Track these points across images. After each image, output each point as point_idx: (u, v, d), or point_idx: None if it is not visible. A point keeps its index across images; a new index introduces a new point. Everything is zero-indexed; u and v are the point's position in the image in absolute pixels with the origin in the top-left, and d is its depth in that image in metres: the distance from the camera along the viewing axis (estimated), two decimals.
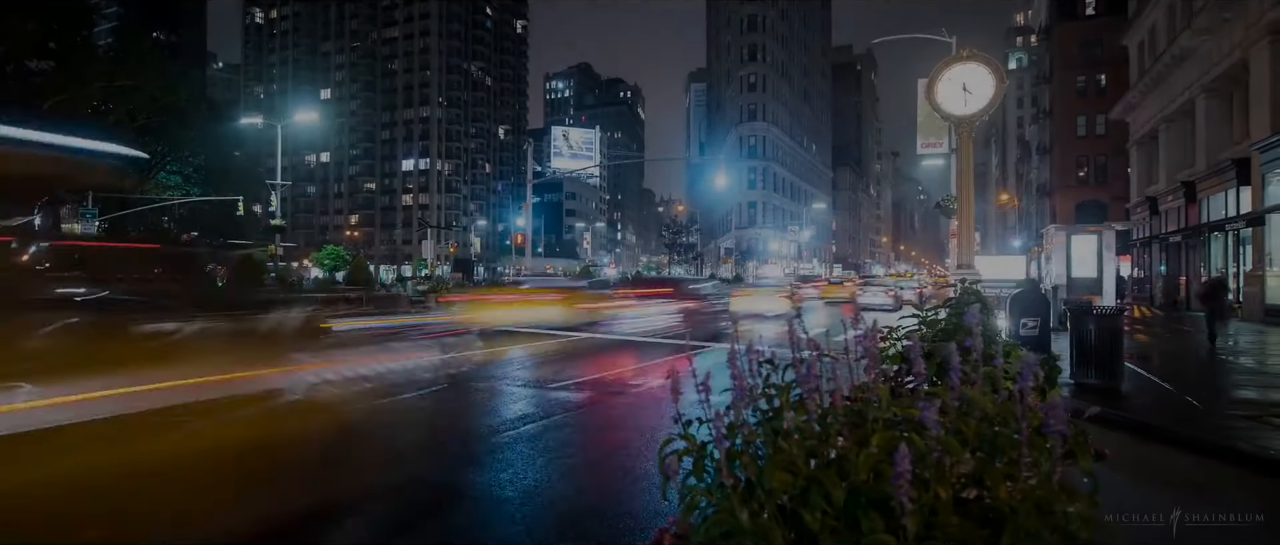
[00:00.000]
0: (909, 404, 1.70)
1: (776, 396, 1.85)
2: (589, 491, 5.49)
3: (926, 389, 1.75)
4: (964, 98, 12.42)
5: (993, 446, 1.59)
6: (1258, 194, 21.50)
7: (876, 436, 1.56)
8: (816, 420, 1.68)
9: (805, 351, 2.04)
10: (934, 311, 3.80)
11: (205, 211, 50.40)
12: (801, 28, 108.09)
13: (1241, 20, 22.37)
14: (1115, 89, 48.11)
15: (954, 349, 1.76)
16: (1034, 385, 1.63)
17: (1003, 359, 1.83)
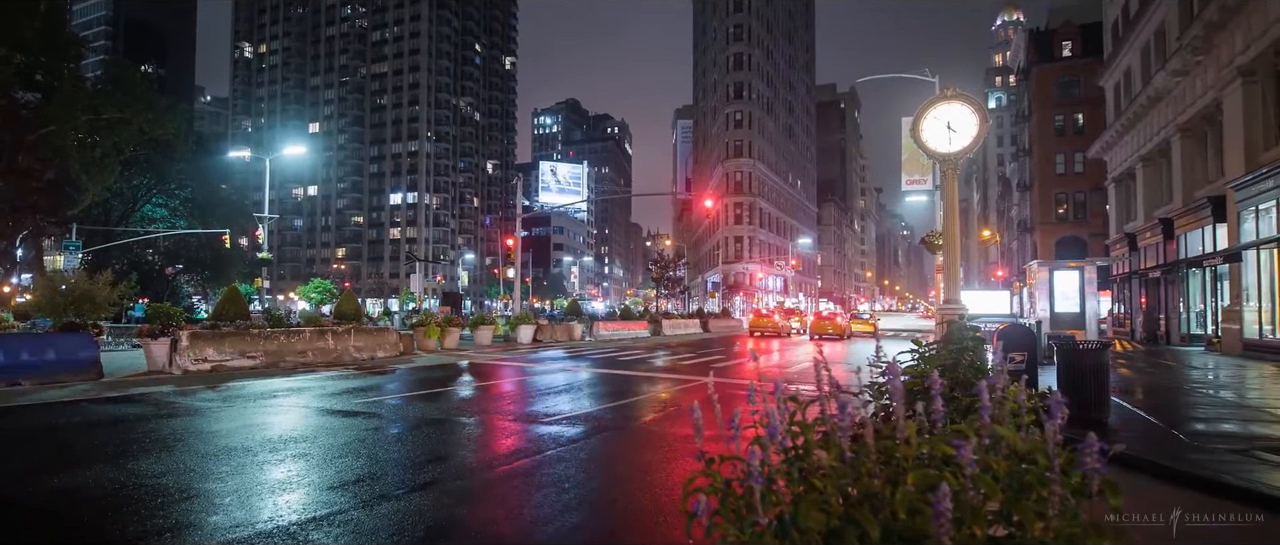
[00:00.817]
0: (940, 440, 1.70)
1: (802, 433, 1.83)
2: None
3: (948, 427, 1.79)
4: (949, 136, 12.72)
5: (1021, 484, 1.57)
6: (1233, 231, 21.98)
7: (911, 475, 1.57)
8: (850, 459, 1.67)
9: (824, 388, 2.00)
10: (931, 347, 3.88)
11: (191, 244, 50.07)
12: (786, 67, 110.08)
13: (1213, 63, 23.07)
14: (1093, 128, 49.30)
15: (985, 387, 1.76)
16: (1032, 419, 1.69)
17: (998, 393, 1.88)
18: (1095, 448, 1.52)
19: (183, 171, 49.09)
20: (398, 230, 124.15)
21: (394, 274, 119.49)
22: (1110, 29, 37.55)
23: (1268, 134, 20.49)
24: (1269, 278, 19.86)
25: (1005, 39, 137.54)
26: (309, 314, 26.19)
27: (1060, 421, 1.63)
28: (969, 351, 3.91)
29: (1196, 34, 22.82)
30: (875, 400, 2.72)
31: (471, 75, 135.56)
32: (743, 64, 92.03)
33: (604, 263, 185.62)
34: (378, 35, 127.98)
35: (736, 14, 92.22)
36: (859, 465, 1.68)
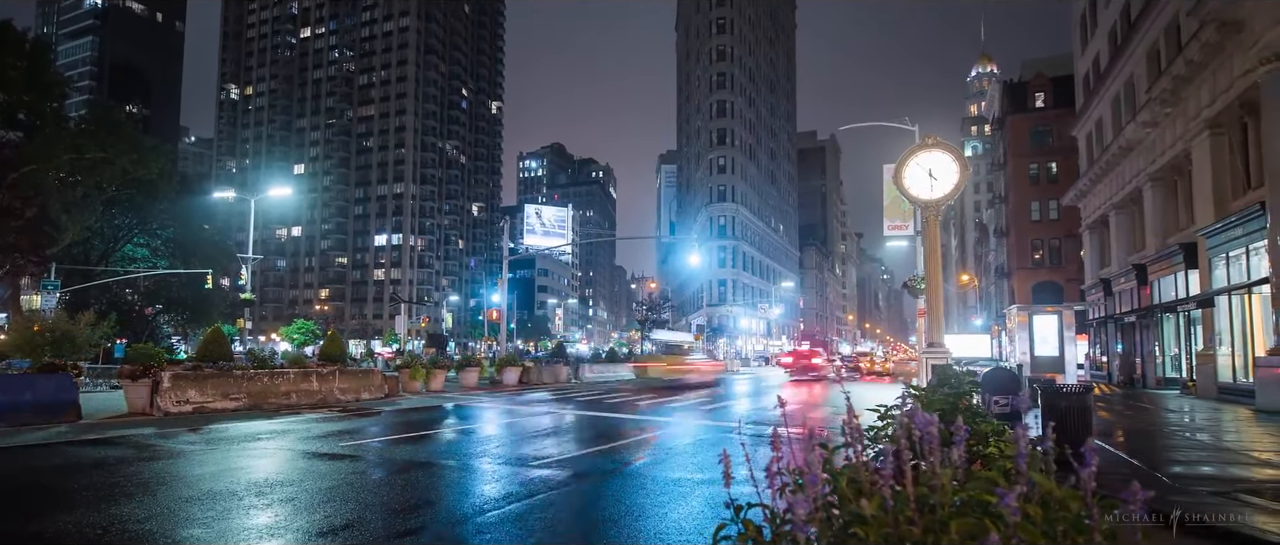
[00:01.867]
0: (981, 487, 1.68)
1: (834, 480, 1.82)
2: None
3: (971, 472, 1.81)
4: (930, 183, 13.09)
5: (1061, 532, 1.56)
6: (1205, 277, 22.54)
7: (955, 524, 1.56)
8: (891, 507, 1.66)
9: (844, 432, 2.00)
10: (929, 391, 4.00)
11: (172, 284, 49.56)
12: (768, 114, 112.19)
13: (1181, 115, 23.89)
14: (1066, 176, 50.53)
15: (1021, 434, 1.73)
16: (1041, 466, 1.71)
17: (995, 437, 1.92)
18: (1139, 497, 1.51)
19: (165, 211, 48.83)
20: (382, 271, 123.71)
21: (378, 315, 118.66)
22: (1082, 81, 38.78)
23: (1235, 183, 21.18)
24: (1241, 322, 20.34)
25: (980, 90, 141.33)
26: (293, 355, 25.96)
27: (1093, 468, 1.62)
28: (966, 396, 4.02)
29: (1165, 87, 23.67)
30: (874, 444, 2.67)
31: (458, 119, 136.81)
32: (726, 111, 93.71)
33: (588, 305, 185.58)
34: (365, 79, 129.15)
35: (719, 63, 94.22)
36: (899, 513, 1.65)
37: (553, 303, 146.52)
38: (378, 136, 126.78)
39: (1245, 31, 18.46)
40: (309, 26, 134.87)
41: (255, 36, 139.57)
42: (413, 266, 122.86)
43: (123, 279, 45.77)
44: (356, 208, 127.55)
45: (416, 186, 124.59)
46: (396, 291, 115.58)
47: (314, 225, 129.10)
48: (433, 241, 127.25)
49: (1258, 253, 19.24)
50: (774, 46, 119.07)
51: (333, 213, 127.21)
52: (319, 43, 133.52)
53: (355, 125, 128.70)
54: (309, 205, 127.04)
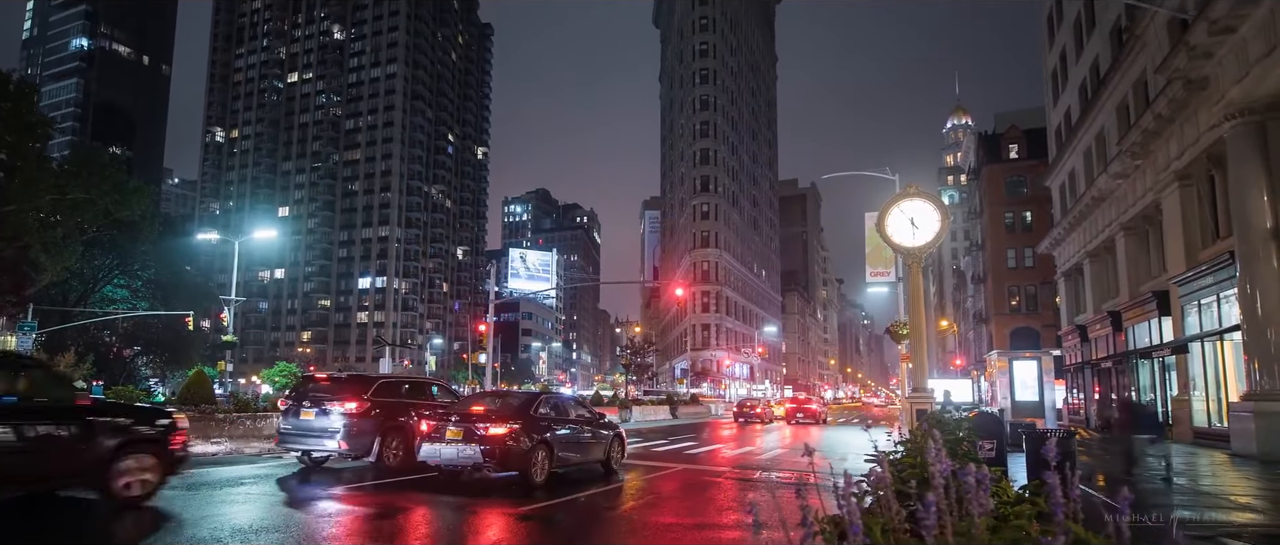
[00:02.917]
0: (1018, 537, 1.72)
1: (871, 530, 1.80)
2: None
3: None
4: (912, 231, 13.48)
5: None
6: (1178, 324, 23.10)
7: None
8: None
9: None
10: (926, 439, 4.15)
11: (151, 326, 49.00)
12: (750, 162, 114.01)
13: (1151, 167, 24.68)
14: (1040, 224, 51.73)
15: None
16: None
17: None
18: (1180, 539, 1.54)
19: (147, 253, 48.53)
20: (366, 314, 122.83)
21: (360, 358, 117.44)
22: (1054, 133, 39.99)
23: (1204, 233, 21.79)
24: (1214, 368, 20.82)
25: (956, 141, 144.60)
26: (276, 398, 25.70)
27: (1127, 517, 1.65)
28: (964, 441, 4.13)
29: (1134, 141, 24.50)
30: (873, 493, 2.73)
31: (444, 164, 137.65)
32: (709, 159, 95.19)
33: (572, 348, 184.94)
34: (351, 124, 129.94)
35: (702, 112, 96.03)
36: None
37: (537, 346, 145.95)
38: (363, 180, 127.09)
39: (1210, 88, 19.09)
40: (297, 72, 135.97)
41: (242, 81, 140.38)
42: (396, 309, 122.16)
43: (101, 320, 45.21)
44: (341, 250, 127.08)
45: (401, 230, 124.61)
46: (380, 334, 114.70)
47: (297, 267, 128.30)
48: (417, 284, 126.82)
49: (1228, 300, 19.78)
50: (756, 96, 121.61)
51: (316, 255, 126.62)
52: (306, 88, 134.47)
53: (341, 169, 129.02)
54: (292, 247, 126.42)
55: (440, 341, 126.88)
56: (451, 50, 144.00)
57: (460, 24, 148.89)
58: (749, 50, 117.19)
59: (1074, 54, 34.94)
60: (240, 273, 42.08)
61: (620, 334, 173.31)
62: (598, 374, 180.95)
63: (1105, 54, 29.88)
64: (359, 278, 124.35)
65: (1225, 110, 17.77)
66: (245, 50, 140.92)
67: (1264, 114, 17.00)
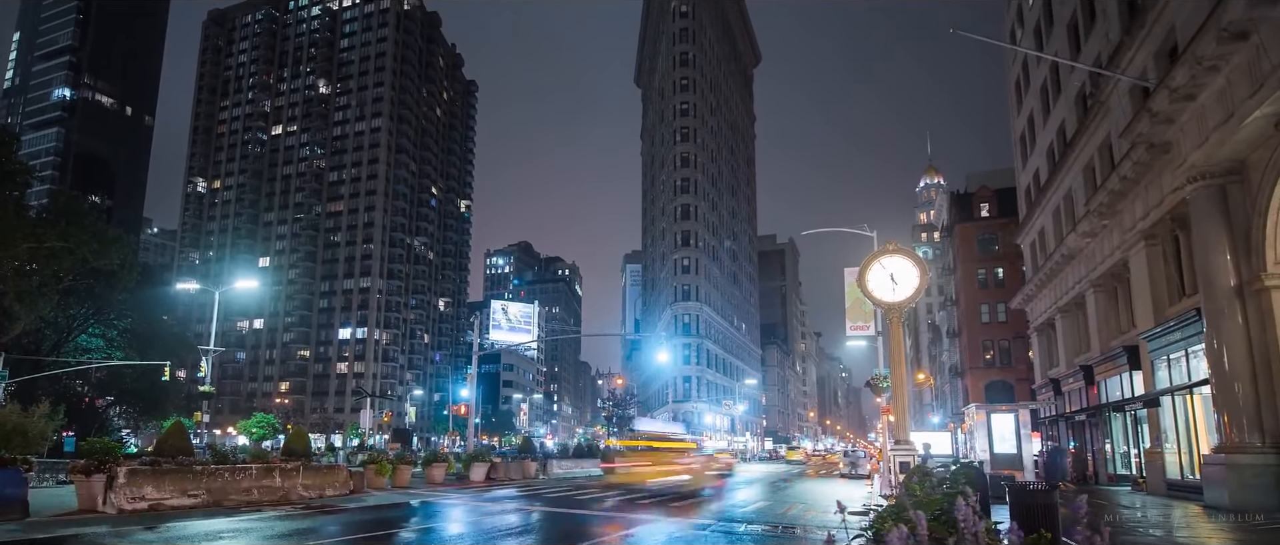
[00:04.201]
0: None
1: None
2: None
3: None
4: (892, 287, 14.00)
5: None
6: (1148, 378, 23.68)
7: None
8: None
9: None
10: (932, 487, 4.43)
11: (125, 376, 48.06)
12: (730, 218, 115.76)
13: (1118, 226, 25.55)
14: (1012, 280, 52.91)
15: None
16: None
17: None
18: None
19: (124, 302, 47.89)
20: (345, 365, 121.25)
21: (339, 409, 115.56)
22: (1023, 193, 41.27)
23: (1171, 290, 22.45)
24: (1185, 421, 21.31)
25: (929, 199, 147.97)
26: (256, 450, 25.39)
27: None
28: (963, 496, 4.41)
29: (1101, 201, 25.43)
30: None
31: (427, 216, 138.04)
32: (690, 214, 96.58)
33: (553, 400, 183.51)
34: (335, 176, 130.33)
35: (683, 169, 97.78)
36: None
37: (518, 398, 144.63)
38: (346, 231, 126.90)
39: (1173, 152, 19.69)
40: (281, 125, 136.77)
41: (226, 132, 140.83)
42: (377, 360, 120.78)
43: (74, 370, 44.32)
44: (321, 301, 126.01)
45: (383, 281, 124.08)
46: (359, 385, 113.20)
47: (277, 317, 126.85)
48: (398, 336, 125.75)
49: (1197, 355, 20.30)
50: (735, 154, 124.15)
51: (297, 305, 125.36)
52: (290, 140, 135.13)
53: (323, 220, 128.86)
54: (272, 297, 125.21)
55: (421, 393, 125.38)
56: (436, 106, 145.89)
57: (445, 80, 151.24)
58: (728, 110, 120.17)
59: (1041, 118, 36.33)
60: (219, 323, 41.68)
61: (602, 386, 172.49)
62: (579, 425, 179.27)
63: (1071, 119, 31.14)
64: (339, 328, 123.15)
65: (1187, 173, 18.29)
66: (230, 102, 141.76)
67: (1224, 177, 17.53)
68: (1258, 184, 16.62)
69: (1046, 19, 34.00)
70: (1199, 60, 16.32)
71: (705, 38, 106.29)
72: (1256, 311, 16.90)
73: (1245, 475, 16.31)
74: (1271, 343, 16.55)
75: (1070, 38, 30.42)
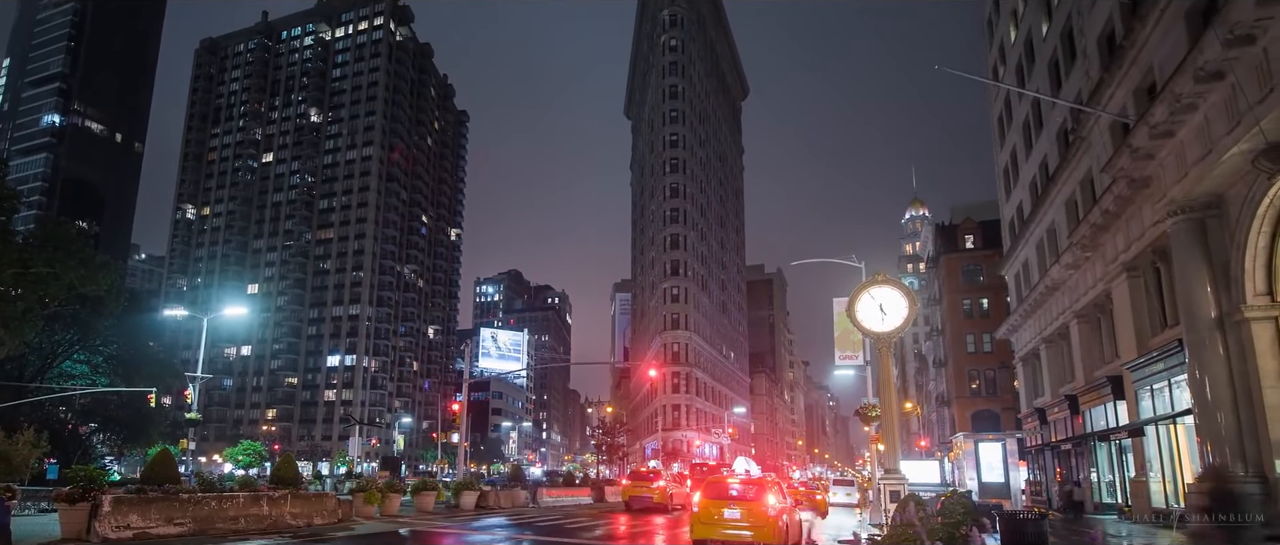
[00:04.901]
0: None
1: None
2: None
3: None
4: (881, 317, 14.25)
5: None
6: (1132, 408, 23.98)
7: None
8: None
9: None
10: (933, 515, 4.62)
11: (110, 402, 47.48)
12: (718, 247, 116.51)
13: (1100, 259, 25.98)
14: (997, 311, 53.51)
15: None
16: None
17: None
18: None
19: (110, 328, 47.47)
20: (333, 392, 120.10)
21: (326, 437, 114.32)
22: (1008, 226, 41.91)
23: (1153, 321, 22.70)
24: (1168, 450, 21.59)
25: (914, 230, 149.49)
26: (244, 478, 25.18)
27: None
28: (963, 526, 4.58)
29: (1084, 234, 25.89)
30: None
31: (417, 244, 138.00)
32: (679, 244, 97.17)
33: (542, 428, 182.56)
34: (325, 203, 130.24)
35: (672, 199, 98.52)
36: None
37: (507, 425, 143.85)
38: (336, 259, 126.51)
39: (1153, 186, 20.08)
40: (272, 152, 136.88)
41: (216, 159, 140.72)
42: (365, 388, 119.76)
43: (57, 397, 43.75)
44: (310, 328, 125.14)
45: (373, 308, 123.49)
46: (348, 413, 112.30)
47: (264, 344, 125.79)
48: (386, 363, 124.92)
49: (1180, 385, 20.58)
50: (723, 185, 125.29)
51: (285, 332, 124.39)
52: (280, 168, 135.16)
53: (313, 247, 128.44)
54: (260, 324, 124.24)
55: (409, 420, 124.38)
56: (427, 135, 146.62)
57: (437, 110, 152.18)
58: (717, 142, 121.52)
59: (1024, 153, 37.03)
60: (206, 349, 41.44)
61: (591, 413, 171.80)
62: (568, 454, 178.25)
63: (1053, 154, 31.79)
64: (328, 355, 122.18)
65: (1168, 208, 18.64)
66: (221, 129, 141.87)
67: (1203, 211, 17.90)
68: (1236, 218, 16.94)
69: (1028, 57, 34.84)
70: (1177, 98, 16.70)
71: (694, 71, 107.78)
72: (1237, 342, 17.11)
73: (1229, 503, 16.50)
74: (1252, 373, 16.76)
75: (1051, 75, 31.18)
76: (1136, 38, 20.06)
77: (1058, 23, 29.77)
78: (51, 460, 33.82)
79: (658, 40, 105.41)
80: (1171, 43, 18.29)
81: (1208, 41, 15.11)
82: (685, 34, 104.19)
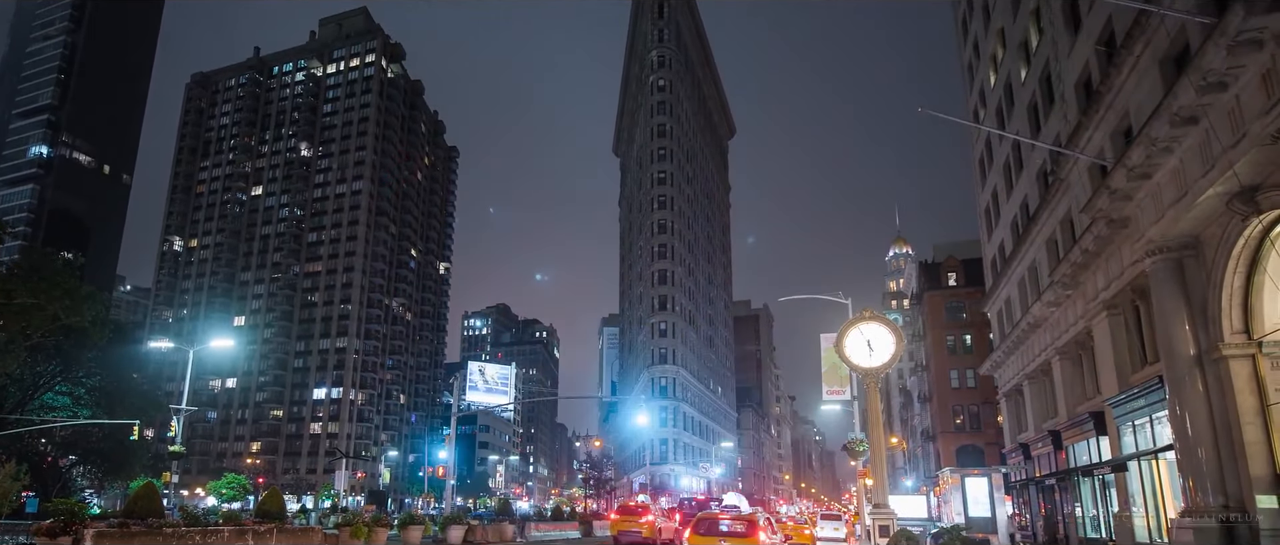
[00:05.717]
0: None
1: None
2: None
3: None
4: (869, 352, 14.59)
5: None
6: (1115, 443, 24.25)
7: None
8: None
9: None
10: None
11: (91, 435, 46.75)
12: (706, 283, 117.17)
13: (1081, 297, 26.37)
14: (980, 346, 54.07)
15: None
16: None
17: None
18: None
19: (94, 360, 46.92)
20: (319, 425, 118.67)
21: (311, 470, 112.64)
22: (989, 264, 42.50)
23: (1134, 358, 22.94)
24: (1151, 486, 21.81)
25: (898, 268, 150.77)
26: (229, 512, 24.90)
27: None
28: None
29: (1064, 272, 26.33)
30: None
31: (405, 278, 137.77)
32: (667, 279, 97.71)
33: (529, 462, 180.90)
34: (314, 236, 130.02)
35: (661, 235, 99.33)
36: None
37: (494, 459, 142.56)
38: (324, 292, 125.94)
39: (1131, 226, 20.37)
40: (261, 185, 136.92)
41: (205, 192, 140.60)
42: (351, 420, 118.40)
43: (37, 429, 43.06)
44: (297, 360, 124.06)
45: (360, 341, 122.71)
46: (333, 445, 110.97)
47: (250, 377, 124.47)
48: (374, 396, 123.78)
49: (1161, 421, 20.78)
50: (711, 222, 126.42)
51: (271, 365, 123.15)
52: (270, 201, 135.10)
53: (301, 280, 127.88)
54: (247, 357, 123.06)
55: (396, 454, 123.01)
56: (417, 170, 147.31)
57: (427, 146, 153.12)
58: (704, 179, 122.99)
59: (1005, 193, 37.74)
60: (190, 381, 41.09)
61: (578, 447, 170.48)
62: (555, 487, 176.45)
63: (1033, 194, 32.43)
64: (314, 388, 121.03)
65: (1146, 247, 18.95)
66: (210, 162, 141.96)
67: (1180, 251, 18.23)
68: (1212, 258, 17.29)
69: (1007, 101, 35.71)
70: (1153, 141, 17.07)
71: (682, 110, 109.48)
72: (1216, 379, 17.28)
73: (1212, 538, 16.72)
74: (1231, 409, 16.90)
75: (1031, 118, 31.93)
76: (1112, 83, 20.68)
77: (1036, 68, 30.56)
78: (30, 493, 33.18)
79: (646, 80, 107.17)
80: (1147, 88, 18.85)
81: (1182, 87, 15.51)
82: (673, 75, 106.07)
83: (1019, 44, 32.91)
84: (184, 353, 41.37)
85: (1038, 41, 30.23)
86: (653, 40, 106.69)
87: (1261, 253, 16.38)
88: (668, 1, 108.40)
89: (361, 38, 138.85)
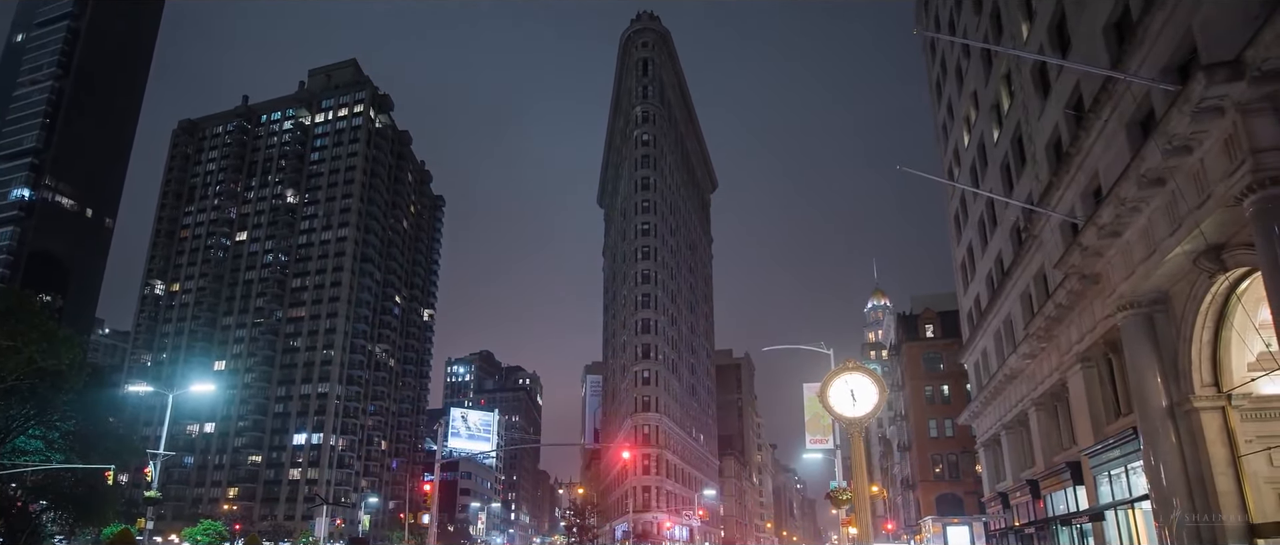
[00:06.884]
0: None
1: None
2: None
3: None
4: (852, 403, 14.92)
5: None
6: (1092, 493, 24.63)
7: None
8: None
9: None
10: None
11: (64, 480, 45.53)
12: (688, 332, 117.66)
13: (1056, 349, 26.90)
14: (958, 397, 54.69)
15: None
16: None
17: None
18: None
19: (70, 403, 45.83)
20: (299, 471, 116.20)
21: (289, 516, 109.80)
22: (966, 316, 43.25)
23: (1108, 409, 23.41)
24: (1128, 534, 22.13)
25: (877, 319, 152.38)
26: None
27: None
28: None
29: (1039, 326, 26.94)
30: None
31: (389, 324, 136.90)
32: (650, 328, 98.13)
33: (511, 509, 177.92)
34: (298, 282, 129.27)
35: (644, 284, 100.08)
36: None
37: (476, 506, 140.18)
38: (307, 337, 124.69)
39: (1103, 282, 20.94)
40: (246, 231, 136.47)
41: (189, 237, 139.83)
42: (331, 467, 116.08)
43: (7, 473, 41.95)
44: (277, 405, 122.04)
45: (342, 387, 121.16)
46: (313, 491, 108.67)
47: (228, 421, 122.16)
48: (354, 442, 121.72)
49: (1136, 471, 21.11)
50: (693, 273, 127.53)
51: (251, 409, 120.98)
52: (254, 246, 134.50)
53: (284, 325, 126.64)
54: (226, 401, 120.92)
55: (376, 500, 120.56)
56: (403, 218, 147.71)
57: (413, 194, 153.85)
58: (687, 231, 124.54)
59: (980, 248, 38.66)
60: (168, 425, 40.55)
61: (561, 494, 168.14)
62: (536, 535, 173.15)
63: (1007, 250, 33.32)
64: (294, 434, 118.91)
65: (1117, 302, 19.48)
66: (195, 208, 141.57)
67: (1150, 307, 18.78)
68: (1181, 314, 17.83)
69: (981, 160, 36.86)
70: (1122, 201, 17.72)
71: (665, 163, 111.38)
72: (1188, 431, 17.67)
73: None
74: (1204, 460, 17.26)
75: (1004, 177, 32.96)
76: (1082, 145, 21.62)
77: (1008, 130, 31.68)
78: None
79: (630, 134, 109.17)
80: (1115, 151, 19.67)
81: (1149, 151, 16.12)
82: (656, 129, 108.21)
83: (991, 106, 34.14)
84: (162, 397, 40.75)
85: (1009, 104, 31.41)
86: (637, 96, 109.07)
87: (1228, 309, 16.88)
88: (652, 59, 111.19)
89: (350, 89, 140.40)
